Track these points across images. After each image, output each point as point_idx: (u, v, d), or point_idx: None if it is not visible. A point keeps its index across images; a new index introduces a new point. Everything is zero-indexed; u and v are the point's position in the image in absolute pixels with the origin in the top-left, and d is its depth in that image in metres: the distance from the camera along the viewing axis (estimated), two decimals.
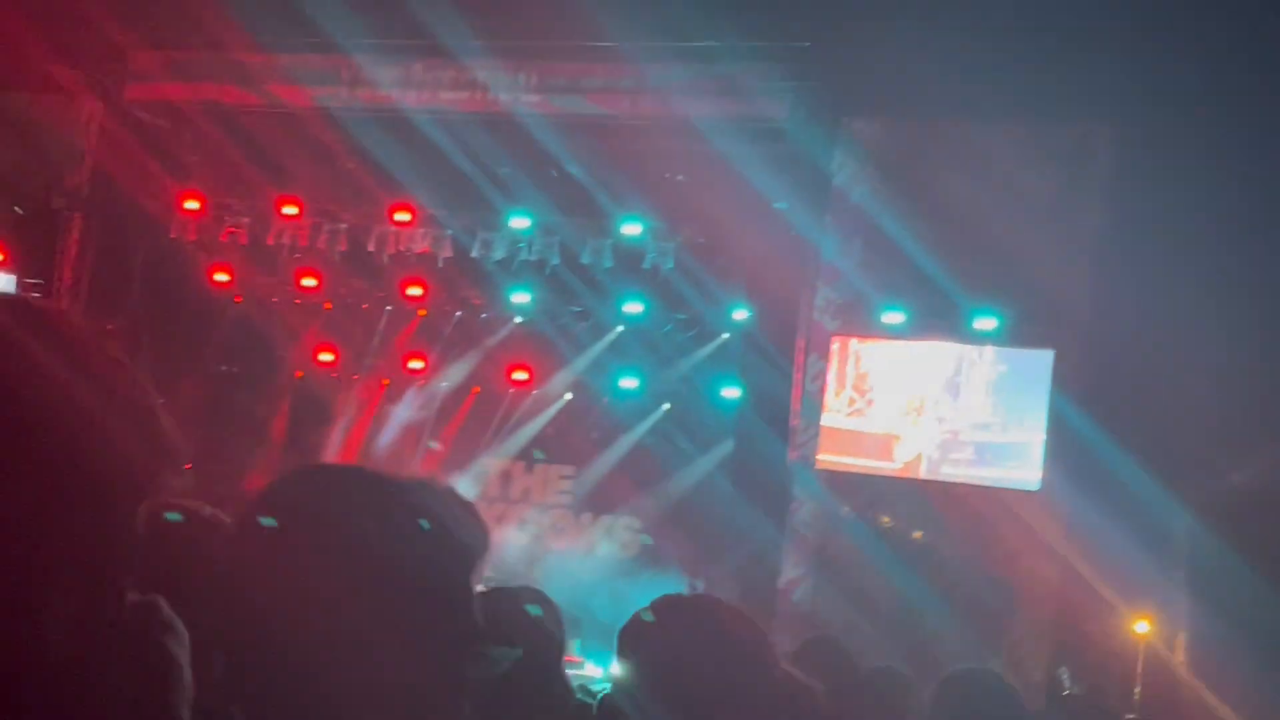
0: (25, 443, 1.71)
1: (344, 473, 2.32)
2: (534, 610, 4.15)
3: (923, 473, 19.74)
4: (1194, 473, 18.11)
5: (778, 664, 3.37)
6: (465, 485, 25.14)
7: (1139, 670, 18.71)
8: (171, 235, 23.68)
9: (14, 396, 1.74)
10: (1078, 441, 18.62)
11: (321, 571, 2.04)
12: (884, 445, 19.88)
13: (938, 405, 19.71)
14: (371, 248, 23.36)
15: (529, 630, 4.36)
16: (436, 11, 19.00)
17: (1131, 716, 18.44)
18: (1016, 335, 19.39)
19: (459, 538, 2.21)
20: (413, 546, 2.10)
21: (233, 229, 23.84)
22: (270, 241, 23.73)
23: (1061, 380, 19.08)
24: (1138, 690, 18.77)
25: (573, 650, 22.41)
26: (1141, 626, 18.89)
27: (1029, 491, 19.07)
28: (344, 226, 23.53)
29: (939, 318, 19.55)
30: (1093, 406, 18.64)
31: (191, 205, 23.46)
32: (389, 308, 25.44)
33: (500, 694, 3.05)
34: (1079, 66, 17.70)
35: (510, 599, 4.81)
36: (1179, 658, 18.86)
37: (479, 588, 2.22)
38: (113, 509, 1.79)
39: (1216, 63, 16.79)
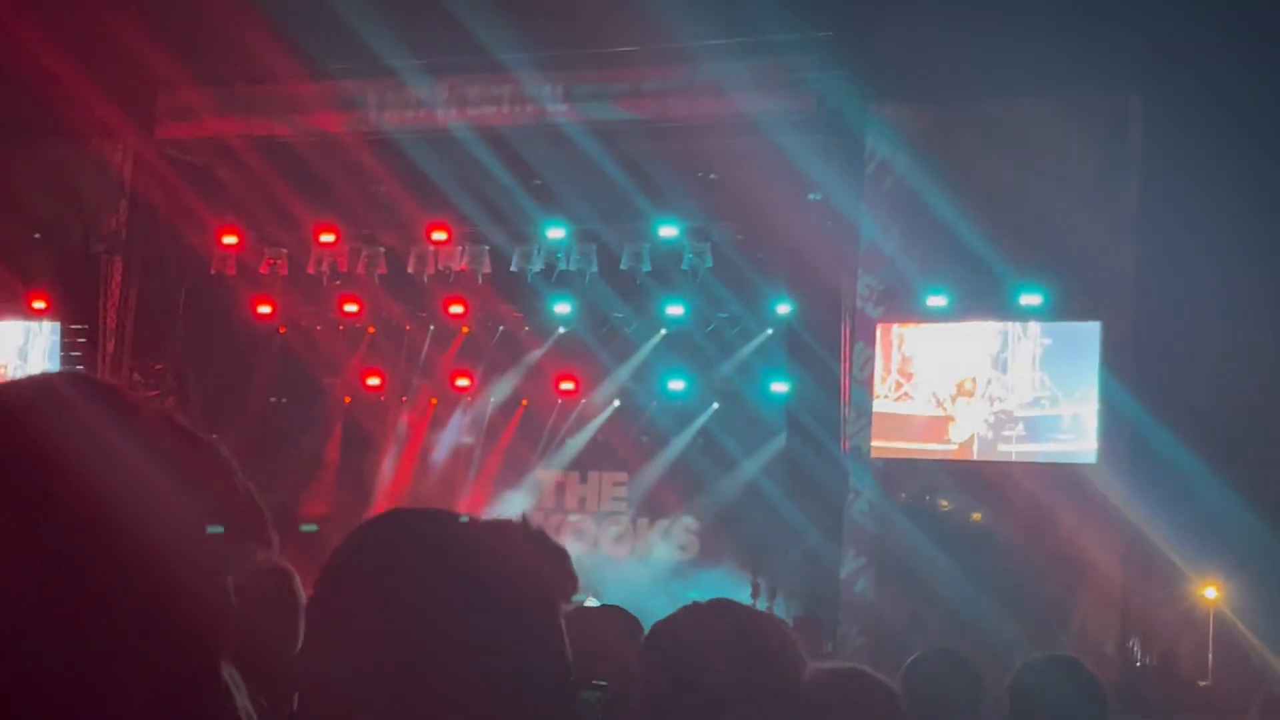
0: (105, 538, 1.68)
1: (424, 519, 2.29)
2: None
3: (976, 453, 19.65)
4: (1242, 444, 18.00)
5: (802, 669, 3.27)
6: (520, 498, 25.23)
7: (1210, 637, 18.59)
8: (212, 271, 23.83)
9: (84, 485, 1.69)
10: (1129, 414, 18.53)
11: (409, 621, 2.04)
12: (936, 428, 19.81)
13: (989, 384, 19.63)
14: (411, 269, 23.46)
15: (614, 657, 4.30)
16: (457, 27, 19.03)
17: (1205, 683, 18.34)
18: (1062, 310, 19.29)
19: (544, 578, 2.16)
20: (498, 593, 2.08)
21: (272, 260, 23.98)
22: (310, 270, 23.86)
23: (1110, 352, 18.97)
24: (1210, 657, 18.65)
25: None
26: (1210, 593, 18.77)
27: (1086, 465, 18.96)
28: (382, 250, 23.63)
29: (983, 297, 19.46)
30: (1142, 378, 18.54)
31: (230, 240, 23.61)
32: (432, 328, 25.55)
33: None
34: (1109, 36, 17.61)
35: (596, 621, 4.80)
36: (1245, 624, 18.72)
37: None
38: (195, 597, 1.76)
39: (1248, 27, 16.69)
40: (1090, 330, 19.13)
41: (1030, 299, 19.23)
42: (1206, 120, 17.62)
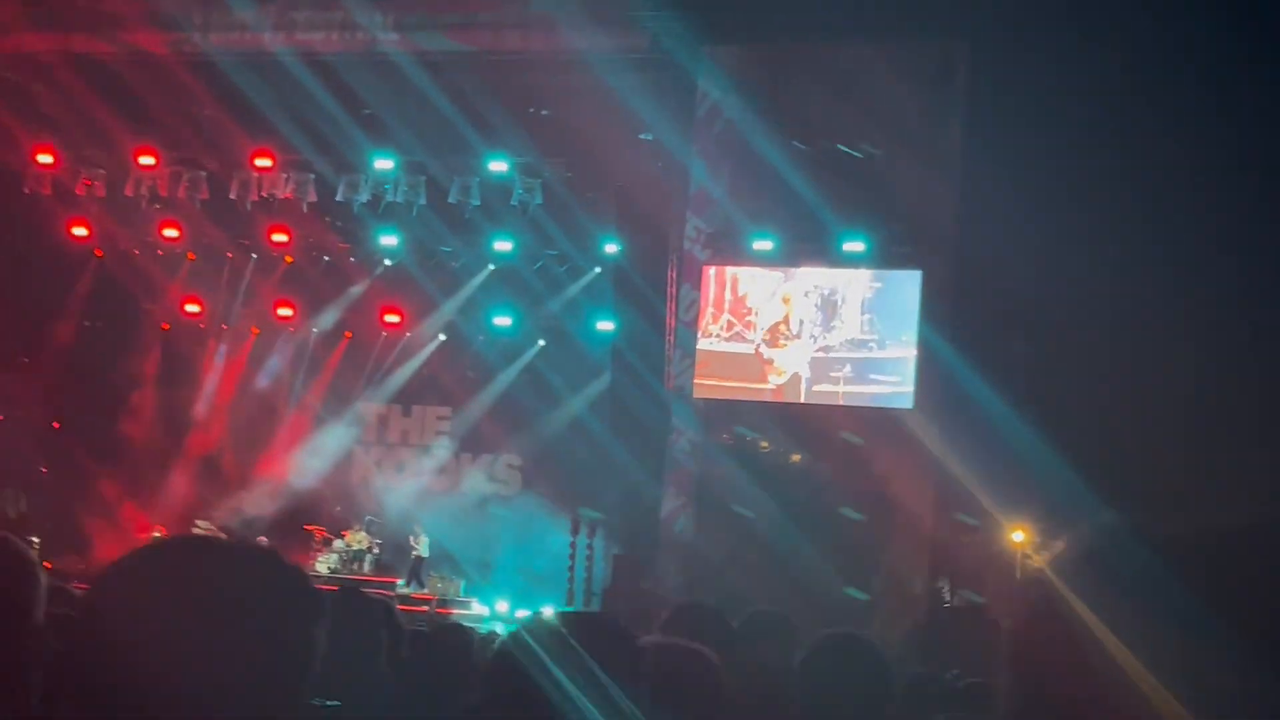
0: None
1: (183, 547, 2.43)
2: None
3: (801, 395, 19.89)
4: (1056, 390, 18.44)
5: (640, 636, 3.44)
6: (341, 430, 24.99)
7: (1017, 578, 19.10)
8: (26, 190, 23.12)
9: None
10: (946, 360, 18.88)
11: (165, 637, 2.17)
12: (761, 368, 20.02)
13: (814, 326, 19.86)
14: (233, 195, 22.97)
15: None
16: None
17: (1010, 621, 18.85)
18: (885, 257, 19.58)
19: (293, 604, 2.30)
20: (248, 616, 2.24)
21: (89, 181, 23.32)
22: (129, 192, 23.25)
23: (929, 299, 19.30)
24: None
25: (460, 591, 22.44)
26: (1017, 536, 19.28)
27: (903, 410, 19.32)
28: (204, 174, 23.11)
29: (809, 242, 19.67)
30: (960, 325, 18.89)
31: (45, 159, 22.91)
32: (254, 256, 25.09)
33: None
34: None
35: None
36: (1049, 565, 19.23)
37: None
38: None
39: None
40: (912, 278, 19.46)
41: (854, 246, 19.49)
42: (1030, 71, 17.92)
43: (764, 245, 19.83)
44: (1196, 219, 17.53)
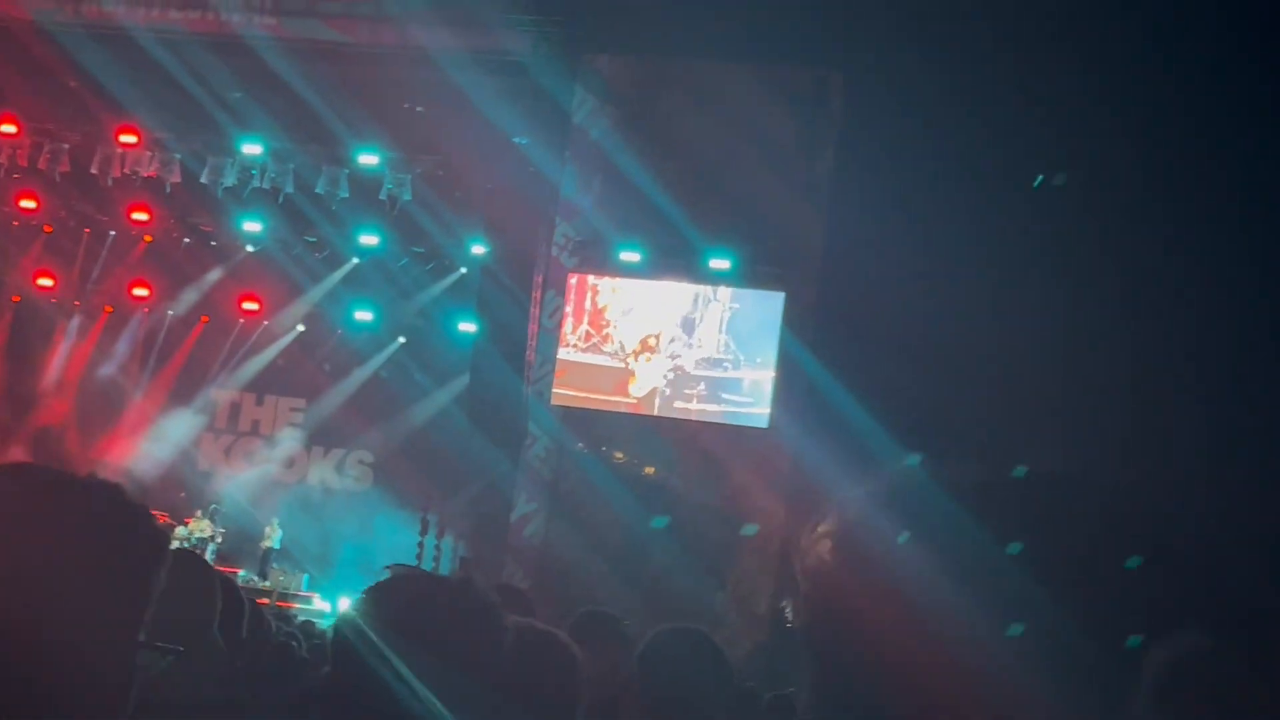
0: None
1: (20, 473, 2.35)
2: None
3: (657, 408, 19.96)
4: (913, 413, 18.69)
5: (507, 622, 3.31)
6: (190, 415, 24.59)
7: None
8: None
9: None
10: (805, 381, 19.05)
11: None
12: (620, 380, 20.05)
13: (673, 342, 19.94)
14: (95, 170, 22.48)
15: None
16: None
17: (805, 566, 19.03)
18: (750, 276, 19.70)
19: (135, 540, 2.27)
20: (88, 547, 2.21)
21: None
22: None
23: (792, 321, 19.46)
24: None
25: (301, 585, 22.19)
26: None
27: (759, 429, 19.45)
28: (66, 147, 22.59)
29: (675, 257, 19.74)
30: (823, 345, 19.07)
31: None
32: (113, 233, 24.61)
33: None
34: (816, 10, 17.99)
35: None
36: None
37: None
38: None
39: (947, 17, 17.26)
40: (775, 299, 19.60)
41: (719, 263, 19.59)
42: (903, 101, 18.16)
43: (631, 257, 19.86)
44: (1056, 248, 17.89)
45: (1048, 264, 17.95)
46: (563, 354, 20.17)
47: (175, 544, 23.33)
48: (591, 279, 20.20)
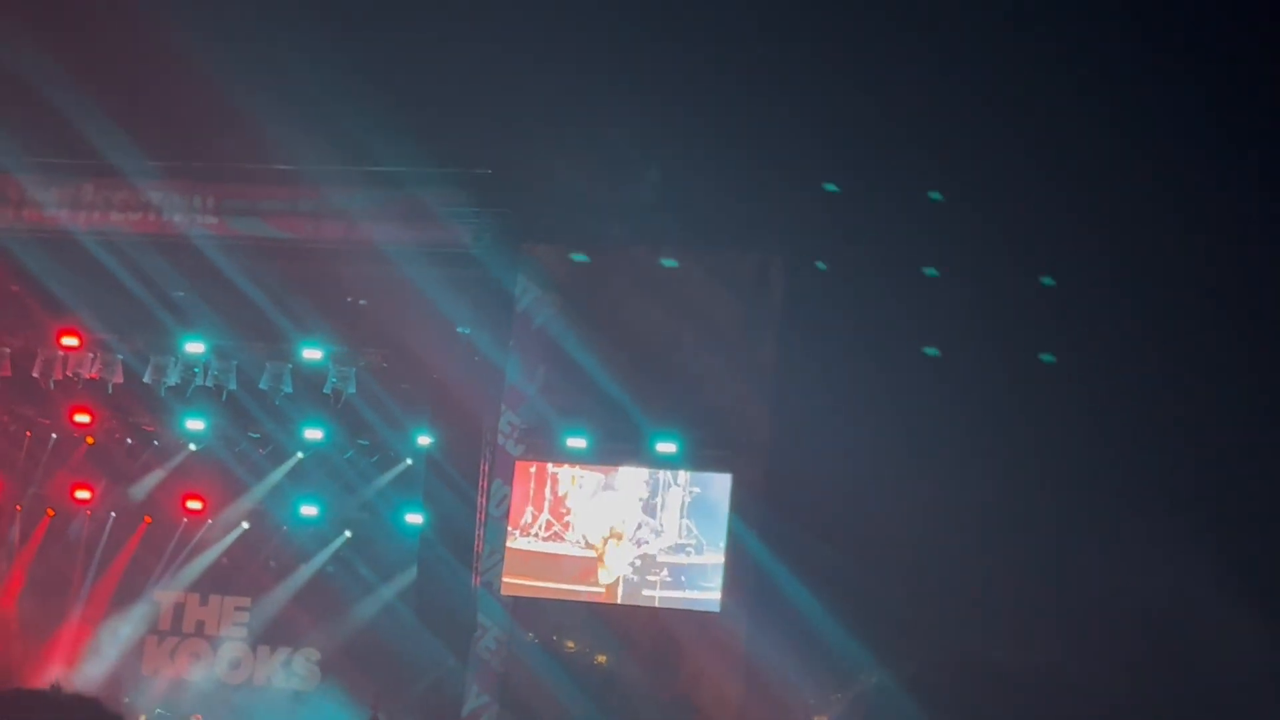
0: None
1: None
2: None
3: (621, 596, 19.77)
4: (859, 597, 18.63)
5: None
6: (135, 617, 24.17)
7: None
8: None
9: None
10: (754, 564, 19.00)
11: None
12: (586, 568, 19.87)
13: (639, 529, 19.84)
14: (36, 373, 22.35)
15: None
16: (106, 131, 18.48)
17: None
18: (697, 459, 19.72)
19: None
20: None
21: None
22: None
23: (740, 502, 19.45)
24: None
25: None
26: None
27: (711, 612, 19.31)
28: (7, 351, 22.49)
29: (622, 441, 19.76)
30: (768, 530, 19.05)
31: None
32: (55, 435, 24.39)
33: None
34: (754, 197, 18.32)
35: None
36: None
37: None
38: None
39: (888, 195, 17.61)
40: (723, 481, 19.60)
41: (666, 446, 19.61)
42: (845, 283, 18.43)
43: (577, 443, 19.86)
44: (1004, 431, 18.04)
45: (996, 446, 18.10)
46: (523, 543, 20.02)
47: None
48: (550, 467, 20.14)
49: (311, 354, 21.52)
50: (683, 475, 19.84)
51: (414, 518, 22.63)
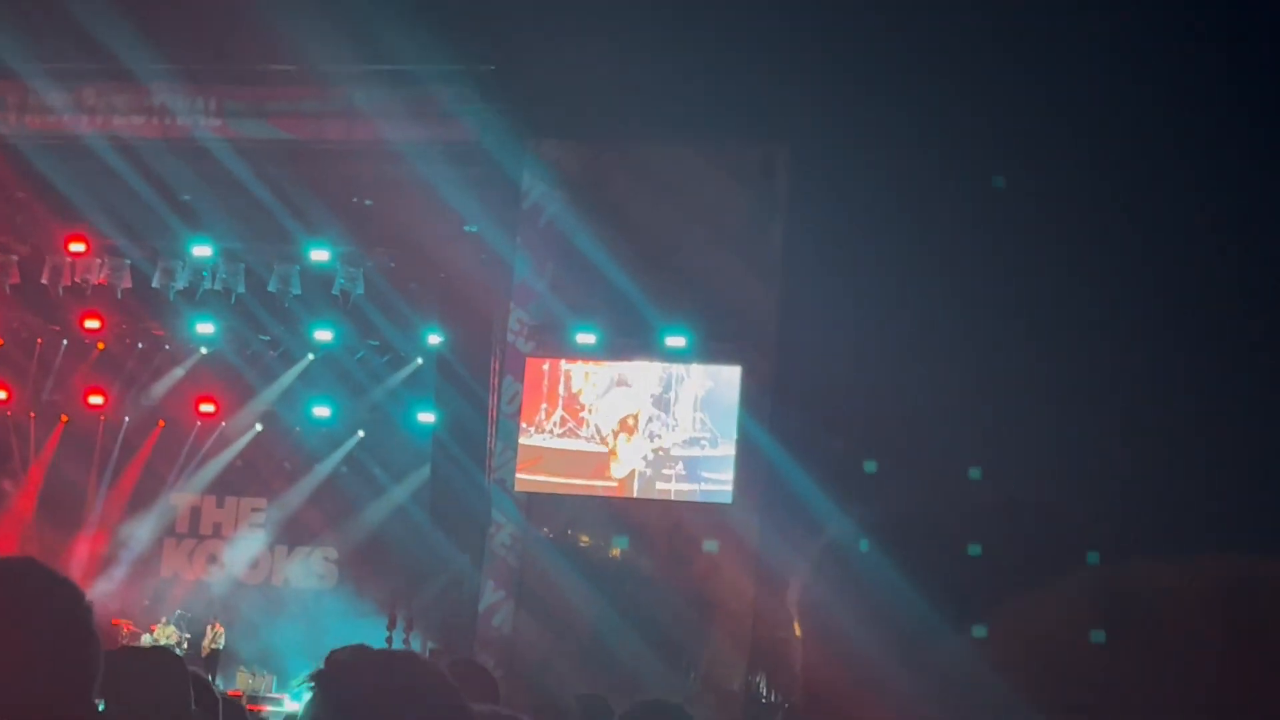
0: None
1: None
2: None
3: (636, 490, 19.84)
4: (867, 486, 18.70)
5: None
6: (152, 520, 24.37)
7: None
8: None
9: None
10: (763, 456, 19.05)
11: None
12: (599, 463, 19.94)
13: (650, 422, 19.88)
14: (45, 279, 22.39)
15: None
16: (111, 33, 18.32)
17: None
18: (706, 352, 19.73)
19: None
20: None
21: None
22: None
23: (750, 395, 19.48)
24: None
25: (271, 687, 21.91)
26: None
27: (723, 504, 19.40)
28: (15, 258, 22.52)
29: (631, 337, 19.76)
30: (780, 420, 19.09)
31: None
32: (65, 341, 24.47)
33: None
34: (760, 86, 18.17)
35: None
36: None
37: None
38: None
39: (888, 84, 17.44)
40: (733, 373, 19.63)
41: (675, 341, 19.61)
42: (850, 171, 18.31)
43: (587, 339, 19.86)
44: (1009, 320, 18.00)
45: (1003, 325, 18.07)
46: (538, 440, 20.06)
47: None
48: (563, 364, 20.16)
49: (319, 255, 21.52)
50: (695, 369, 19.84)
51: (426, 416, 22.73)
